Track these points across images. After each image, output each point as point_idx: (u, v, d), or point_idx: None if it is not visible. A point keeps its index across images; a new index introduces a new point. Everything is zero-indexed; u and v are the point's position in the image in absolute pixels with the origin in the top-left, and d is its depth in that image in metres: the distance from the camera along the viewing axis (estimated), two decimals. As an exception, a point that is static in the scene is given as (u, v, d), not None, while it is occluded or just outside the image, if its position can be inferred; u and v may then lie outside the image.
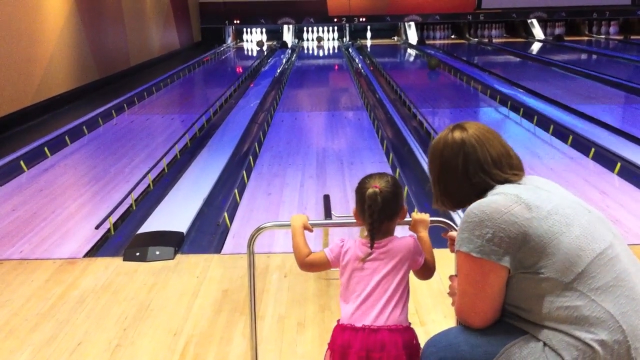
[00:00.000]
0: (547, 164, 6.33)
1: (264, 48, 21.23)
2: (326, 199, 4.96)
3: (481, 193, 2.05)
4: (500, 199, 1.97)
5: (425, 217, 2.39)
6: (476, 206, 1.99)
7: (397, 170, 6.24)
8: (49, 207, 5.53)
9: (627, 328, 1.85)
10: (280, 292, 3.77)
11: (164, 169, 6.74)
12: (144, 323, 3.44)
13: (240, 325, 3.37)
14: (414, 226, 2.37)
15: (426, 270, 2.34)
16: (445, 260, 2.84)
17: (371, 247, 2.22)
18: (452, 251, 2.46)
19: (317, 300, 3.62)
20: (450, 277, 2.25)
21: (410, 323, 2.26)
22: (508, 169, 2.08)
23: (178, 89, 12.99)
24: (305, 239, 2.37)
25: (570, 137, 7.43)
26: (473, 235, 1.95)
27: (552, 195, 2.03)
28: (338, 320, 2.27)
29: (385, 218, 2.23)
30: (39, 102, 9.69)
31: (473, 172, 2.06)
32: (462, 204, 2.13)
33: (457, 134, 2.11)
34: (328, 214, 4.54)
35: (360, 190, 2.27)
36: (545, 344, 1.90)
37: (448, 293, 2.24)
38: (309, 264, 2.35)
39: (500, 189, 2.03)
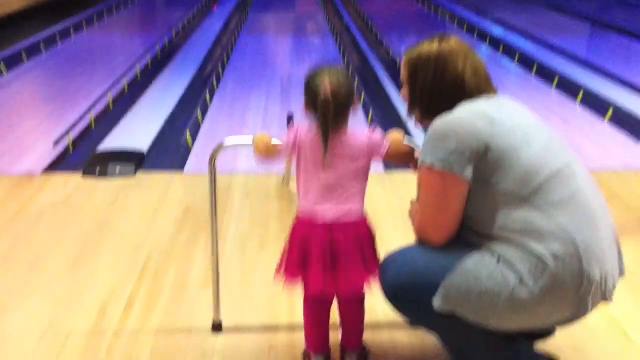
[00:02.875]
0: (511, 92, 6.32)
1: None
2: (289, 118, 4.93)
3: (452, 106, 2.05)
4: (464, 114, 1.99)
5: (401, 134, 2.35)
6: (440, 121, 2.01)
7: (362, 93, 6.20)
8: (4, 123, 5.40)
9: (580, 241, 1.89)
10: (243, 212, 3.76)
11: (124, 89, 6.60)
12: (104, 239, 3.41)
13: (202, 242, 3.37)
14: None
15: (402, 158, 2.28)
16: (408, 184, 2.85)
17: (325, 147, 2.11)
18: (415, 172, 2.47)
19: (280, 219, 3.63)
20: (412, 202, 2.26)
21: (366, 217, 2.22)
22: (482, 83, 2.09)
23: (139, 9, 12.63)
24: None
25: (535, 66, 7.46)
26: (436, 148, 1.96)
27: (516, 113, 2.05)
28: (296, 217, 2.22)
29: (340, 118, 2.13)
30: (-7, 18, 9.34)
31: (449, 82, 2.06)
32: (431, 115, 2.11)
33: (438, 44, 2.10)
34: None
35: (310, 90, 2.13)
36: (500, 258, 1.94)
37: (410, 215, 2.25)
38: (264, 152, 2.28)
39: (466, 105, 2.04)
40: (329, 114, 2.09)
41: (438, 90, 2.08)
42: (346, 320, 2.33)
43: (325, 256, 2.13)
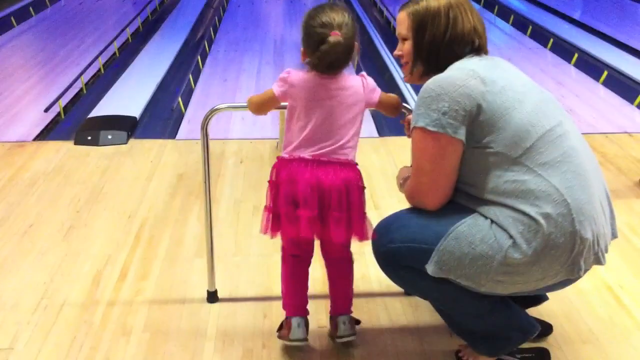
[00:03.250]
0: (505, 54, 6.28)
1: None
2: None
3: (452, 60, 2.03)
4: (456, 73, 1.96)
5: (394, 97, 2.33)
6: (432, 81, 1.98)
7: (357, 59, 6.13)
8: (-5, 90, 5.34)
9: (572, 202, 1.89)
10: (236, 177, 3.75)
11: (115, 53, 6.52)
12: (98, 205, 3.40)
13: (196, 208, 3.36)
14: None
15: (389, 108, 2.26)
16: (402, 149, 2.83)
17: (325, 90, 2.05)
18: (409, 136, 2.45)
19: (273, 185, 3.61)
20: (401, 168, 2.24)
21: (357, 165, 2.16)
22: (477, 41, 2.06)
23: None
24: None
25: (530, 27, 7.39)
26: (429, 109, 1.94)
27: (507, 73, 2.04)
28: (278, 157, 2.14)
29: (347, 59, 2.08)
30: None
31: (461, 34, 2.03)
32: (434, 70, 2.06)
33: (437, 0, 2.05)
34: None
35: (313, 33, 2.03)
36: (492, 221, 1.93)
37: (397, 179, 2.24)
38: (257, 104, 2.23)
39: (458, 64, 2.01)
40: (337, 54, 2.02)
41: (448, 42, 2.04)
42: (334, 282, 2.29)
43: (313, 195, 2.03)
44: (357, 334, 2.33)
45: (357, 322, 2.36)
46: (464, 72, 1.96)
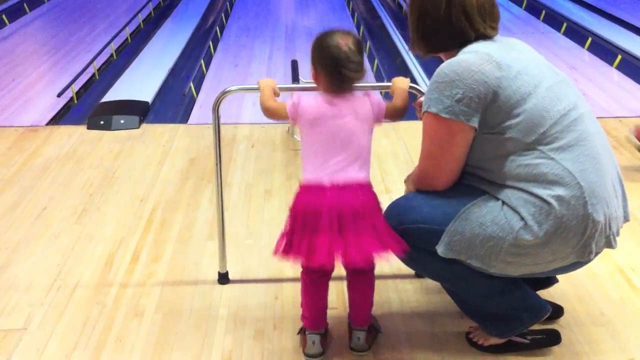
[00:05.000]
0: (518, 38, 6.23)
1: None
2: (294, 64, 4.87)
3: (456, 42, 2.01)
4: (471, 58, 1.93)
5: (406, 81, 2.32)
6: (446, 66, 1.95)
7: (368, 43, 6.12)
8: (8, 76, 5.36)
9: (585, 185, 1.88)
10: (248, 162, 3.75)
11: (127, 39, 6.53)
12: (110, 189, 3.42)
13: (208, 192, 3.37)
14: (393, 89, 2.29)
15: (394, 114, 2.24)
16: (414, 132, 2.82)
17: (335, 106, 2.04)
18: (420, 118, 2.44)
19: (285, 169, 3.62)
20: (408, 175, 2.23)
21: (371, 185, 2.13)
22: (488, 18, 2.03)
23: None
24: (272, 95, 2.27)
25: (543, 12, 7.32)
26: (443, 95, 1.92)
27: (522, 55, 2.01)
28: (300, 185, 2.11)
29: (356, 77, 2.04)
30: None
31: (456, 15, 1.99)
32: (436, 50, 2.08)
33: None
34: (296, 78, 4.45)
35: (323, 46, 2.03)
36: (503, 202, 1.93)
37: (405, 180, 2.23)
38: (270, 109, 2.21)
39: (472, 47, 1.98)
40: (347, 69, 1.99)
41: (447, 29, 2.00)
42: (354, 293, 2.22)
43: (332, 221, 1.98)
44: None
45: (377, 330, 2.30)
46: (478, 56, 1.93)
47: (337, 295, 2.49)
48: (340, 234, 1.98)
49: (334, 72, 2.02)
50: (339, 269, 2.14)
